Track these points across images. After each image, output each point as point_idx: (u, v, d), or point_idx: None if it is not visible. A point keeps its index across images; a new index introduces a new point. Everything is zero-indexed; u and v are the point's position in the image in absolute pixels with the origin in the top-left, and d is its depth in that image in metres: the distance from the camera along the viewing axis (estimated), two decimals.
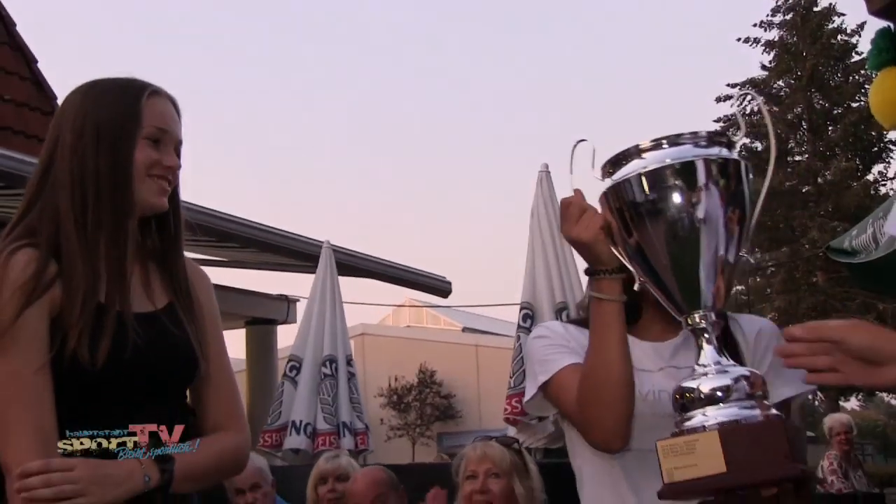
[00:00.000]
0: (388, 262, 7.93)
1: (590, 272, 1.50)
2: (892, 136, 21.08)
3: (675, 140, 1.41)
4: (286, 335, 8.15)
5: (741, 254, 1.41)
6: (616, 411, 1.46)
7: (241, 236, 6.51)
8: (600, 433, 1.49)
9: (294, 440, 5.15)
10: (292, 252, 7.00)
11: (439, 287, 8.43)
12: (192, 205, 5.11)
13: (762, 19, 22.97)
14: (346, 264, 6.74)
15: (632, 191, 1.40)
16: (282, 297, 8.52)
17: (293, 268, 7.78)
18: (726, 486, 1.29)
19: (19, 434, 1.39)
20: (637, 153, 1.43)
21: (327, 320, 5.49)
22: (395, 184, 64.80)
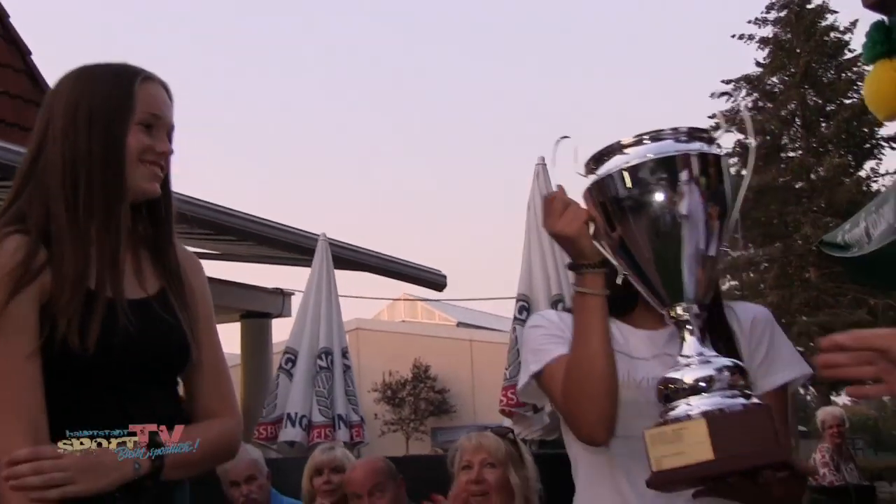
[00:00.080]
0: (383, 255, 7.92)
1: (573, 267, 1.51)
2: (884, 132, 21.14)
3: (656, 136, 1.42)
4: (281, 329, 8.16)
5: (722, 246, 1.43)
6: (599, 405, 1.46)
7: (237, 229, 6.50)
8: (585, 426, 1.50)
9: (289, 432, 5.16)
10: (288, 245, 6.98)
11: (434, 280, 8.43)
12: (188, 197, 5.10)
13: (757, 16, 22.99)
14: (342, 257, 6.73)
15: (614, 186, 1.42)
16: (277, 291, 8.52)
17: (289, 261, 7.77)
18: (714, 473, 1.29)
19: (9, 422, 1.37)
20: (619, 149, 1.44)
21: (323, 313, 5.50)
22: (391, 178, 64.78)
